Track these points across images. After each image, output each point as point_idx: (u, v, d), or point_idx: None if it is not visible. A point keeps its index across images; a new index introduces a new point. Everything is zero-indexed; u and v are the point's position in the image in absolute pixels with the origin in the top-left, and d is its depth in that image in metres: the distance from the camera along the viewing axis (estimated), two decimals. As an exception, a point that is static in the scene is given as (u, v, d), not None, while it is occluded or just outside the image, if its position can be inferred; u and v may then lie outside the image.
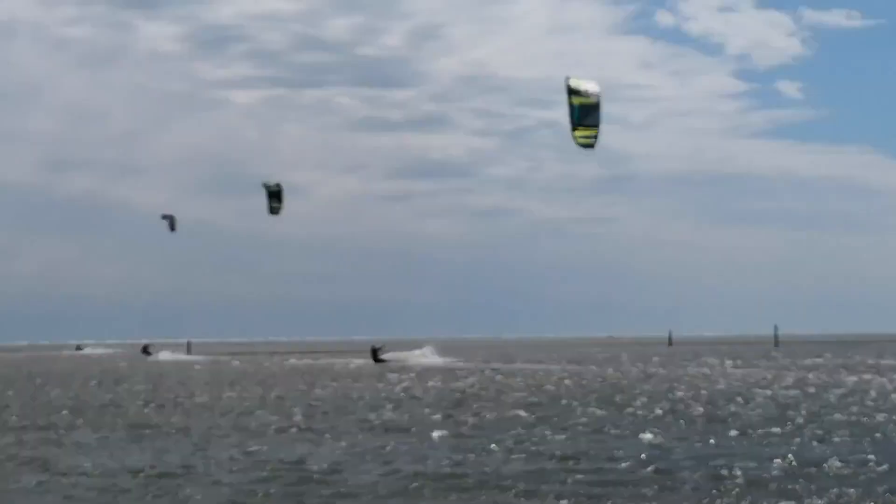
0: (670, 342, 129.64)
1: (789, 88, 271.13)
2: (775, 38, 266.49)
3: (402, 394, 35.11)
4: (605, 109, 22.92)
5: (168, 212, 51.78)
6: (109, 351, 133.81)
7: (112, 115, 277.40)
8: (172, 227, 50.75)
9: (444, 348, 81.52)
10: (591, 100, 22.91)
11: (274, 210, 40.53)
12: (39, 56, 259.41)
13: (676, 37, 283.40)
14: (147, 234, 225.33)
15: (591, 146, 23.14)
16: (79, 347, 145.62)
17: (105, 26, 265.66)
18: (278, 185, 40.55)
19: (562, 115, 22.90)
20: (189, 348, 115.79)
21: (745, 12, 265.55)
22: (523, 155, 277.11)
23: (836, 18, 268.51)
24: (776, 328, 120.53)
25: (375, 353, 70.03)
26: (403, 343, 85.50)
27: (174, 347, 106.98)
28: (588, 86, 23.03)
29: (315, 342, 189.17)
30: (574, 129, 22.88)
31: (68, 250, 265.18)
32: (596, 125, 23.01)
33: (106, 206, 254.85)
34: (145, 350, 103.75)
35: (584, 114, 22.85)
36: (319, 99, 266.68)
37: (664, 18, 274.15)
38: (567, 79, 22.94)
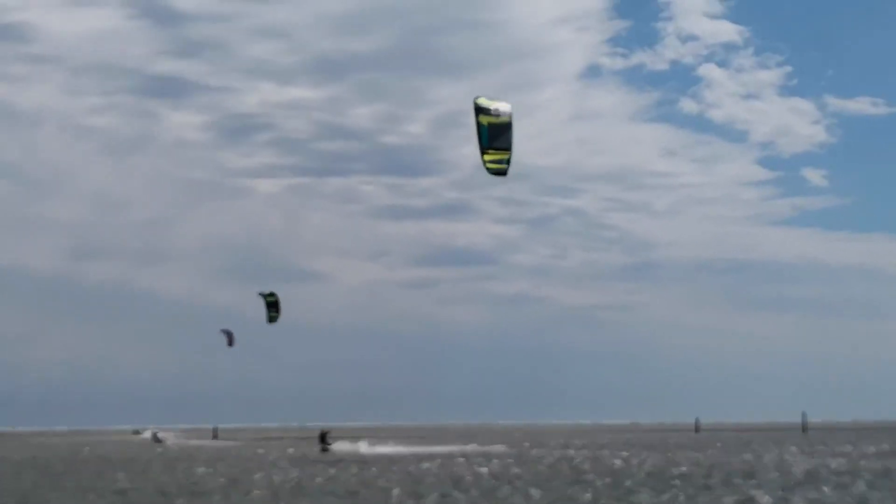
0: (697, 429, 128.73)
1: (814, 176, 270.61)
2: (800, 126, 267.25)
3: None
4: (629, 196, 20.22)
5: (227, 327, 52.46)
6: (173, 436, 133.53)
7: (136, 204, 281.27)
8: (230, 343, 51.60)
9: (463, 434, 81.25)
10: (503, 119, 20.67)
11: (272, 319, 41.79)
12: (65, 144, 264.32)
13: (700, 124, 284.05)
14: (172, 322, 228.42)
15: (502, 173, 20.72)
16: (136, 432, 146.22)
17: (130, 115, 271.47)
18: (274, 295, 41.76)
19: (585, 202, 20.69)
20: (215, 434, 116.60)
21: (769, 100, 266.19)
22: (547, 242, 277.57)
23: (861, 106, 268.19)
24: (804, 415, 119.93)
25: (324, 438, 64.06)
26: (422, 429, 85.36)
27: (201, 433, 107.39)
28: (498, 105, 20.83)
29: (342, 427, 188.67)
30: (483, 152, 20.50)
31: (93, 338, 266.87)
32: (507, 148, 20.69)
33: (130, 293, 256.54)
34: (155, 438, 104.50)
35: (494, 135, 20.54)
36: (343, 187, 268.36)
37: (687, 106, 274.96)
38: (475, 98, 20.79)
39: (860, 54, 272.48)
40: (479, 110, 20.50)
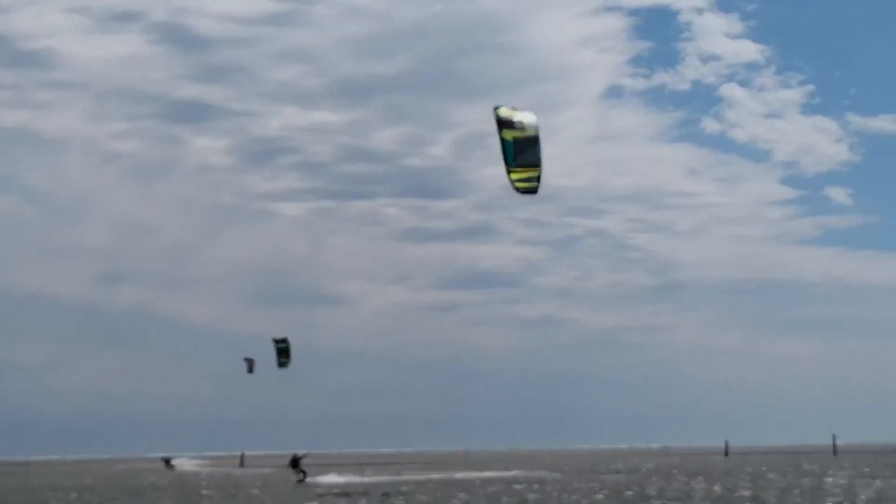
0: (727, 452, 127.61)
1: (838, 195, 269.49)
2: (823, 145, 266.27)
3: None
4: (653, 217, 16.45)
5: (251, 351, 52.71)
6: (196, 463, 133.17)
7: (162, 229, 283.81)
8: (251, 370, 51.99)
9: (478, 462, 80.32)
10: (529, 132, 18.79)
11: (282, 365, 42.26)
12: (90, 170, 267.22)
13: (723, 144, 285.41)
14: (197, 347, 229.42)
15: (532, 191, 18.83)
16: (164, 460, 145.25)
17: (154, 140, 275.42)
18: (285, 341, 42.15)
19: (610, 223, 16.88)
20: (242, 461, 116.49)
21: (792, 119, 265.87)
22: (572, 264, 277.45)
23: (883, 124, 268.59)
24: (834, 437, 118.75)
25: (296, 464, 56.67)
26: (447, 455, 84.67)
27: (228, 460, 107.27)
28: (523, 115, 18.86)
29: (370, 454, 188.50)
30: (509, 171, 18.73)
31: (118, 363, 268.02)
32: (536, 164, 18.82)
33: (157, 318, 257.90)
34: (167, 463, 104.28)
35: (520, 150, 18.67)
36: (367, 210, 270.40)
37: (710, 125, 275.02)
38: (495, 109, 18.80)
39: (882, 72, 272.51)
40: (503, 123, 18.71)
